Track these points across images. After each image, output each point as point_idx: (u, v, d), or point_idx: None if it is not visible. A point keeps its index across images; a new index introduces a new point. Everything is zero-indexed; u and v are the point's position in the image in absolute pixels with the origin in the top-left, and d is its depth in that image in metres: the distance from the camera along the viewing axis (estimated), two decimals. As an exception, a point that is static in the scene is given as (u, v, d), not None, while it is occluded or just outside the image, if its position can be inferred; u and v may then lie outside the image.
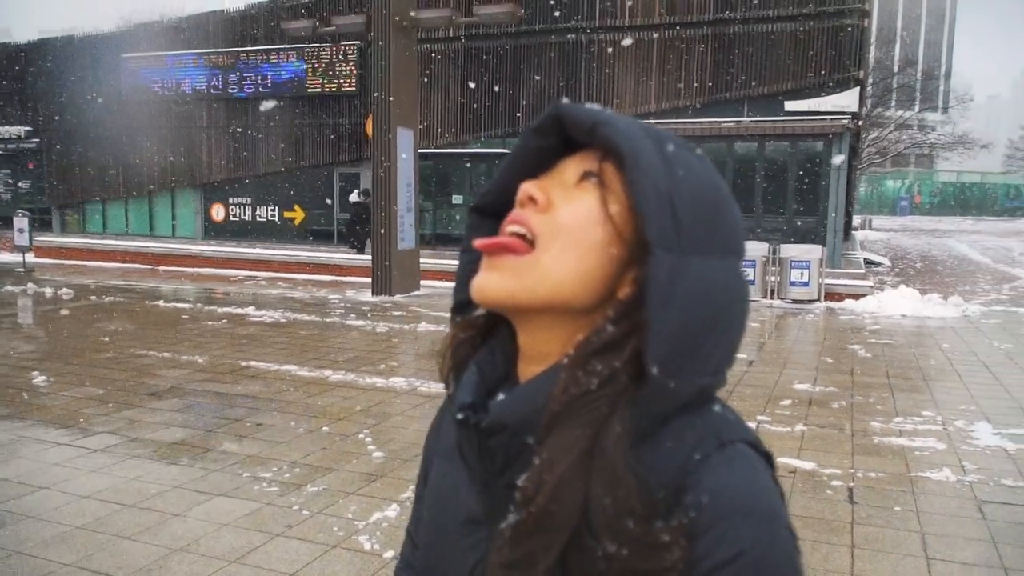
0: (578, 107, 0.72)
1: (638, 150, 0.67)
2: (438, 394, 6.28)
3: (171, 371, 7.17)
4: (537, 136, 0.75)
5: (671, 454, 0.66)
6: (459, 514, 0.77)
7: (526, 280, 0.69)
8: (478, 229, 0.80)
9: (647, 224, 0.65)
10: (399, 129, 12.81)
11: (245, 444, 5.10)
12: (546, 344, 0.72)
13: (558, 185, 0.73)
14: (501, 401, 0.71)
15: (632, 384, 0.66)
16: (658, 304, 0.64)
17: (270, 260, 17.14)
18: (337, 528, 3.83)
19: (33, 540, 3.65)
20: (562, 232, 0.69)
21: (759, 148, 17.73)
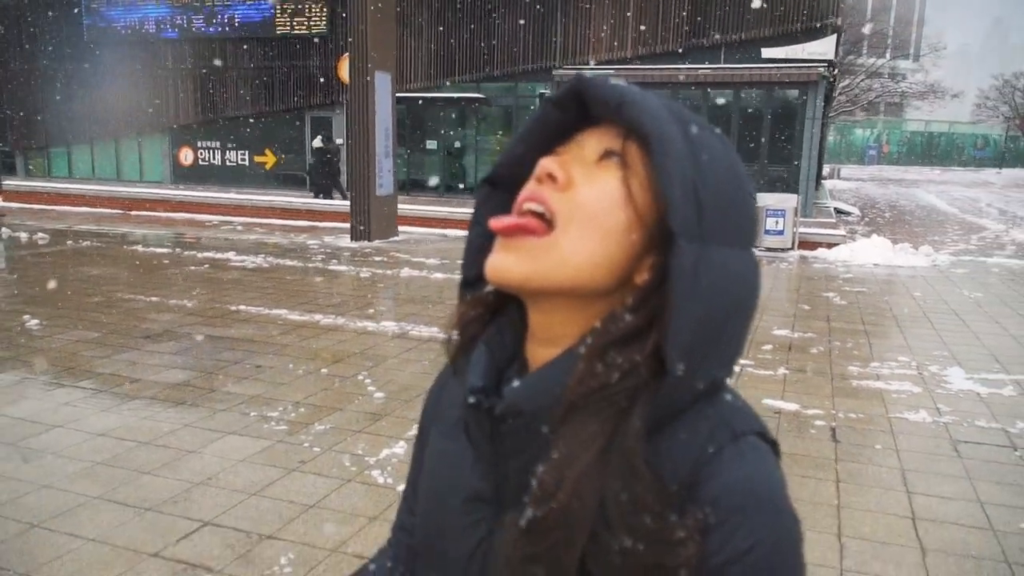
0: (603, 83, 0.69)
1: (666, 134, 0.66)
2: (429, 338, 6.43)
3: (162, 315, 7.21)
4: (556, 109, 0.73)
5: (685, 446, 0.66)
6: (461, 491, 0.76)
7: (544, 263, 0.67)
8: (488, 202, 0.78)
9: (672, 212, 0.64)
10: (377, 73, 12.67)
11: (247, 385, 5.20)
12: (560, 327, 0.71)
13: (578, 162, 0.71)
14: (516, 388, 0.69)
15: (652, 377, 0.65)
16: (682, 297, 0.63)
17: (245, 205, 16.97)
18: (349, 463, 3.98)
19: (57, 475, 3.75)
20: (582, 214, 0.67)
21: (735, 95, 17.81)
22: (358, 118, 12.60)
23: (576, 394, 0.65)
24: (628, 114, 0.67)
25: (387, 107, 12.99)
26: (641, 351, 0.65)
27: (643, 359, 0.65)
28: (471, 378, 0.73)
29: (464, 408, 0.74)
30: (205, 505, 3.50)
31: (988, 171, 53.73)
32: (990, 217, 20.90)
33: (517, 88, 19.20)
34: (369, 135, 12.58)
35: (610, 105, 0.68)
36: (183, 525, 3.31)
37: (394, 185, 13.47)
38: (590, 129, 0.72)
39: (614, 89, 0.68)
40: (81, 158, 23.93)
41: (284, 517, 3.40)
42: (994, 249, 14.11)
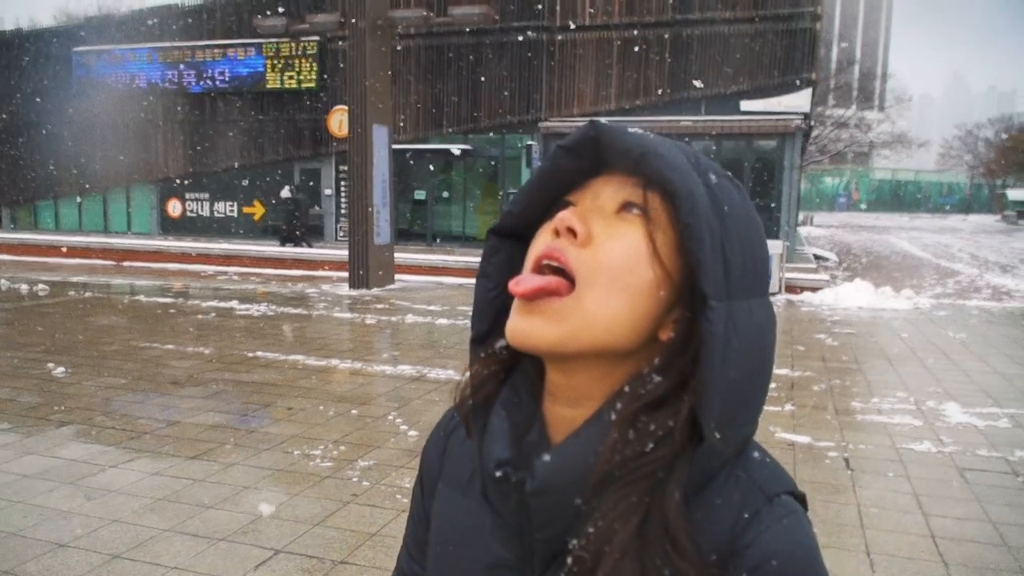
0: (622, 131, 0.67)
1: (693, 190, 0.64)
2: (447, 380, 6.67)
3: (181, 362, 7.38)
4: (569, 157, 0.70)
5: (720, 514, 0.65)
6: (482, 556, 0.73)
7: (569, 326, 0.65)
8: (496, 253, 0.76)
9: (704, 275, 0.62)
10: (375, 126, 13.07)
11: (283, 426, 5.40)
12: (583, 388, 0.69)
13: (595, 213, 0.68)
14: (548, 463, 0.66)
15: (687, 443, 0.64)
16: (715, 363, 0.62)
17: (237, 256, 17.16)
18: (400, 496, 4.19)
19: (123, 510, 3.93)
20: (606, 271, 0.65)
21: (716, 146, 18.46)
22: (357, 169, 12.95)
23: (610, 464, 0.63)
24: (651, 166, 0.65)
25: (384, 158, 13.37)
26: (675, 416, 0.64)
27: (678, 426, 0.63)
28: (494, 448, 0.70)
29: (486, 477, 0.72)
30: (272, 535, 3.69)
31: (954, 217, 55.34)
32: (963, 262, 21.62)
33: (504, 140, 19.73)
34: (368, 186, 12.92)
35: (630, 155, 0.66)
36: (257, 553, 3.51)
37: (391, 235, 13.77)
38: (603, 177, 0.70)
39: (634, 138, 0.66)
40: (68, 211, 24.03)
41: (350, 544, 3.60)
42: (971, 292, 14.66)
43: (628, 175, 0.68)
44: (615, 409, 0.66)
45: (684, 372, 0.65)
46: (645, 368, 0.67)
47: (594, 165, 0.70)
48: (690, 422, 0.63)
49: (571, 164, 0.70)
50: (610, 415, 0.66)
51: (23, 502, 4.04)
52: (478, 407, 0.74)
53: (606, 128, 0.68)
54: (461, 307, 11.30)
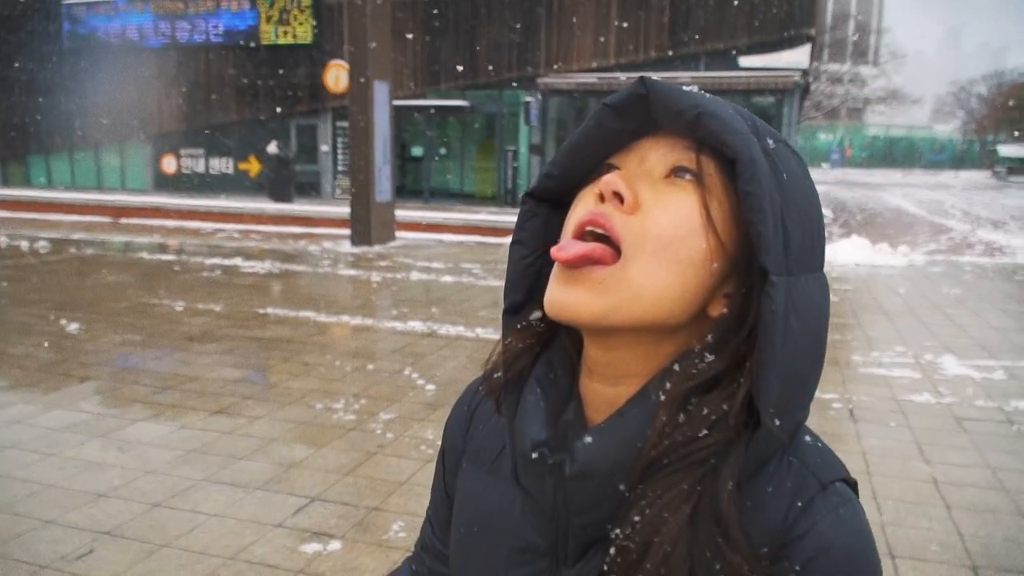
0: (675, 90, 0.63)
1: (754, 156, 0.60)
2: (458, 336, 6.80)
3: (194, 319, 7.48)
4: (614, 116, 0.66)
5: (773, 503, 0.61)
6: (510, 539, 0.71)
7: (614, 297, 0.61)
8: (533, 218, 0.72)
9: (764, 249, 0.59)
10: (376, 83, 13.01)
11: (303, 381, 5.53)
12: (625, 365, 0.65)
13: (642, 178, 0.64)
14: (590, 445, 0.62)
15: (743, 429, 0.60)
16: (778, 342, 0.58)
17: (236, 213, 17.15)
18: (424, 447, 4.35)
19: (157, 462, 4.08)
20: (655, 241, 0.61)
21: (715, 103, 18.42)
22: (358, 126, 12.91)
23: (659, 449, 0.60)
24: (708, 129, 0.61)
25: (385, 116, 13.33)
26: (730, 400, 0.60)
27: (733, 410, 0.60)
28: (530, 428, 0.66)
29: (519, 458, 0.68)
30: (306, 484, 3.84)
31: (946, 174, 55.42)
32: (955, 218, 21.77)
33: (502, 96, 19.62)
34: (369, 143, 12.90)
35: (685, 116, 0.62)
36: (293, 501, 3.66)
37: (392, 192, 13.80)
38: (650, 138, 0.66)
39: (689, 97, 0.62)
40: (60, 166, 23.85)
41: (382, 492, 3.76)
42: (964, 248, 14.83)
43: (679, 137, 0.64)
44: (664, 389, 0.62)
45: (738, 352, 0.62)
46: (696, 346, 0.63)
47: (640, 126, 0.66)
48: (746, 406, 0.60)
49: (616, 124, 0.66)
50: (658, 395, 0.62)
51: (56, 455, 4.17)
52: (511, 383, 0.70)
53: (658, 85, 0.63)
54: (464, 264, 11.40)
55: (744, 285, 0.62)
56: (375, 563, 3.12)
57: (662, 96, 0.63)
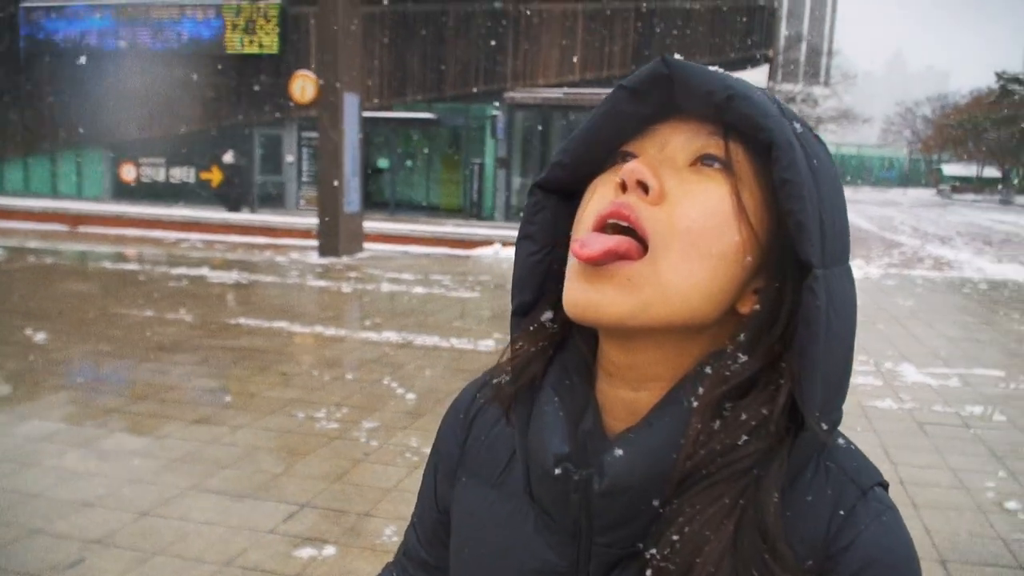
0: (701, 70, 0.59)
1: (791, 139, 0.57)
2: (434, 347, 6.86)
3: (165, 328, 7.42)
4: (632, 99, 0.61)
5: (813, 512, 0.58)
6: (525, 560, 0.65)
7: (642, 295, 0.57)
8: (541, 211, 0.67)
9: (806, 238, 0.55)
10: (346, 94, 13.04)
11: (282, 391, 5.55)
12: (649, 367, 0.61)
13: (666, 166, 0.60)
14: (621, 459, 0.58)
15: (784, 435, 0.57)
16: (821, 339, 0.55)
17: (201, 222, 16.96)
18: (409, 454, 4.40)
19: (141, 471, 4.07)
20: (685, 234, 0.57)
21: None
22: (328, 138, 12.92)
23: (695, 460, 0.56)
24: (739, 112, 0.57)
25: (355, 127, 13.36)
26: (770, 404, 0.57)
27: (775, 414, 0.56)
28: (550, 441, 0.61)
29: (536, 473, 0.63)
30: (294, 491, 3.88)
31: (895, 191, 57.06)
32: (905, 234, 22.46)
33: (468, 110, 19.74)
34: (338, 154, 12.91)
35: (713, 97, 0.57)
36: (283, 507, 3.69)
37: (360, 203, 13.81)
38: (669, 123, 0.62)
39: (718, 78, 0.58)
40: (13, 174, 23.31)
41: (371, 499, 3.81)
42: (915, 263, 15.33)
43: (701, 122, 0.60)
44: (696, 394, 0.58)
45: (772, 351, 0.58)
46: (728, 346, 0.60)
47: (657, 110, 0.61)
48: (786, 410, 0.57)
49: (632, 108, 0.61)
50: (690, 401, 0.58)
51: (37, 464, 4.14)
52: (522, 390, 0.66)
53: (681, 65, 0.59)
54: (434, 276, 11.45)
55: (777, 279, 0.59)
56: (371, 567, 3.18)
57: (687, 77, 0.58)
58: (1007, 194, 49.38)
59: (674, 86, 0.59)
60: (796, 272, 0.58)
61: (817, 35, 72.31)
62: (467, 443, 0.75)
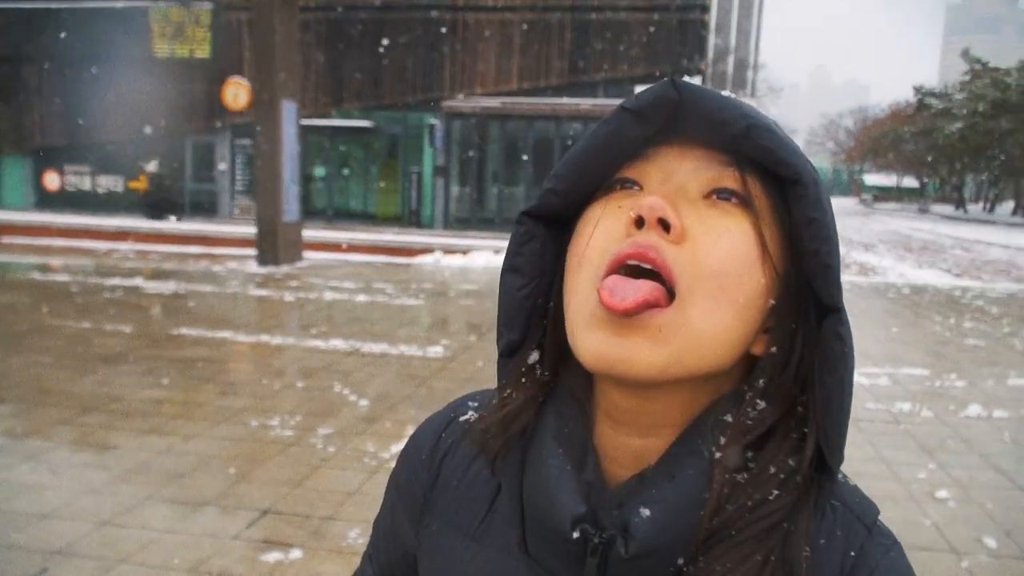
0: (714, 96, 0.55)
1: (815, 176, 0.55)
2: (382, 354, 6.89)
3: (105, 340, 7.26)
4: (636, 123, 0.57)
5: (828, 556, 0.56)
6: None
7: (674, 347, 0.53)
8: (529, 241, 0.62)
9: (832, 280, 0.54)
10: (284, 101, 12.93)
11: (233, 399, 5.51)
12: (661, 414, 0.58)
13: (680, 198, 0.56)
14: (650, 519, 0.54)
15: (809, 485, 0.55)
16: (846, 384, 0.55)
17: (132, 232, 16.54)
18: (367, 459, 4.45)
19: (95, 482, 4.02)
20: (712, 278, 0.54)
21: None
22: (264, 146, 12.79)
23: (723, 516, 0.53)
24: (759, 144, 0.54)
25: (293, 135, 13.26)
26: (796, 455, 0.55)
27: (804, 465, 0.54)
28: (564, 500, 0.56)
29: (546, 535, 0.58)
30: (255, 497, 3.89)
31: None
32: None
33: (406, 118, 19.76)
34: (276, 162, 12.79)
35: (730, 128, 0.54)
36: (244, 514, 3.70)
37: (299, 212, 13.69)
38: (673, 148, 0.57)
39: (733, 106, 0.55)
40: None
41: (333, 503, 3.85)
42: (842, 269, 15.97)
43: (708, 149, 0.56)
44: (717, 444, 0.55)
45: (789, 395, 0.56)
46: (746, 392, 0.57)
47: (656, 131, 0.57)
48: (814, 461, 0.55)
49: (635, 132, 0.57)
50: (711, 451, 0.55)
51: (-17, 478, 4.05)
52: (511, 440, 0.62)
53: (693, 90, 0.55)
54: (376, 284, 11.45)
55: (793, 320, 0.56)
56: (338, 568, 3.23)
57: (700, 103, 0.55)
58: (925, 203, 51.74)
59: (684, 112, 0.55)
60: (809, 313, 0.57)
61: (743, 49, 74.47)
62: (436, 486, 0.69)
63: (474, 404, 0.72)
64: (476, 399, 0.73)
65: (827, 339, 0.55)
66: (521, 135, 19.62)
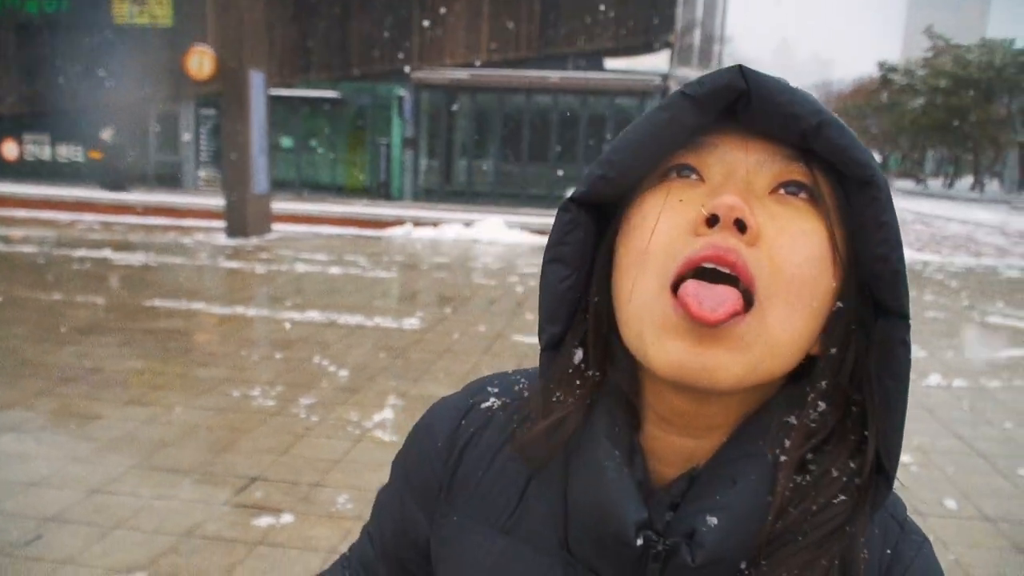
0: (786, 88, 0.53)
1: (885, 178, 0.53)
2: (359, 325, 6.96)
3: (77, 311, 7.23)
4: (696, 112, 0.54)
5: (869, 554, 0.55)
6: None
7: (754, 355, 0.51)
8: (574, 229, 0.59)
9: (901, 288, 0.53)
10: (252, 72, 12.78)
11: (212, 370, 5.55)
12: (716, 416, 0.56)
13: (747, 194, 0.53)
14: (718, 527, 0.53)
15: (867, 490, 0.54)
16: (902, 393, 0.54)
17: (96, 202, 16.26)
18: (351, 428, 4.54)
19: (81, 451, 4.06)
20: (789, 283, 0.52)
21: (582, 102, 19.23)
22: (233, 117, 12.65)
23: (788, 521, 0.53)
24: (833, 142, 0.52)
25: (261, 105, 13.12)
26: (858, 458, 0.54)
27: (866, 469, 0.54)
28: (626, 506, 0.55)
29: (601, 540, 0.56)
30: (242, 465, 3.97)
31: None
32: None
33: (374, 89, 19.59)
34: (245, 133, 12.66)
35: (802, 123, 0.52)
36: (233, 480, 3.78)
37: (268, 183, 13.59)
38: (729, 136, 0.55)
39: (806, 101, 0.52)
40: None
41: (320, 470, 3.95)
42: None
43: (768, 140, 0.54)
44: (782, 447, 0.54)
45: (846, 397, 0.55)
46: (808, 393, 0.55)
47: (714, 118, 0.55)
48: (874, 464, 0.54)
49: (694, 120, 0.54)
50: (776, 455, 0.54)
51: (-33, 448, 4.07)
52: (560, 443, 0.59)
53: (763, 81, 0.53)
54: (348, 256, 11.46)
55: (851, 322, 0.55)
56: (330, 532, 3.33)
57: (771, 95, 0.52)
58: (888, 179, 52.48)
59: (750, 102, 0.53)
60: (865, 315, 0.56)
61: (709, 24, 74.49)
62: (456, 476, 0.67)
63: (494, 390, 0.70)
64: (496, 384, 0.71)
65: (892, 345, 0.54)
66: (490, 107, 19.59)
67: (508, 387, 0.69)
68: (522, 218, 15.46)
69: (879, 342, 0.54)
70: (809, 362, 0.56)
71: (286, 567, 3.06)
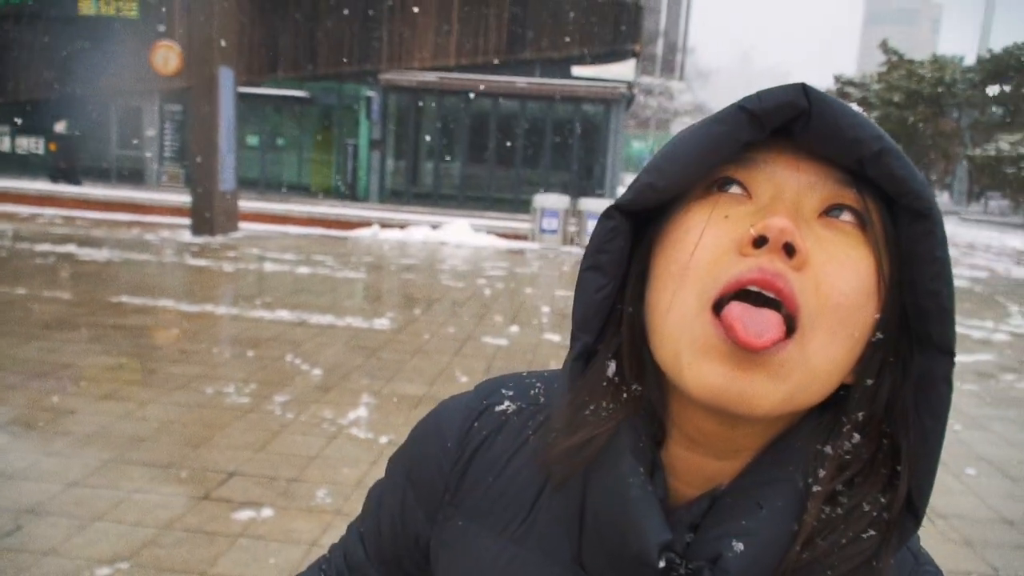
0: (847, 111, 0.51)
1: (940, 211, 0.51)
2: (330, 325, 7.02)
3: (44, 307, 7.17)
4: (753, 127, 0.52)
5: None
6: None
7: (791, 384, 0.50)
8: (615, 237, 0.57)
9: (949, 325, 0.52)
10: (222, 68, 12.73)
11: (185, 367, 5.58)
12: (745, 439, 0.55)
13: (792, 215, 0.51)
14: (744, 554, 0.52)
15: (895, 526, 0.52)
16: (940, 430, 0.52)
17: (56, 197, 16.01)
18: (326, 425, 4.62)
19: (56, 444, 4.09)
20: (835, 311, 0.50)
21: (548, 108, 19.43)
22: (201, 114, 12.58)
23: (815, 552, 0.51)
24: (891, 170, 0.51)
25: (230, 103, 13.07)
26: (889, 493, 0.53)
27: (897, 505, 0.52)
28: (649, 526, 0.53)
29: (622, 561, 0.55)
30: (220, 460, 4.03)
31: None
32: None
33: (341, 89, 19.56)
34: (213, 131, 12.60)
35: (862, 148, 0.51)
36: (212, 475, 3.84)
37: (235, 181, 13.53)
38: (779, 154, 0.54)
39: (868, 126, 0.51)
40: None
41: (297, 466, 4.02)
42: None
43: (818, 162, 0.53)
44: (815, 477, 0.53)
45: (880, 429, 0.54)
46: (845, 424, 0.54)
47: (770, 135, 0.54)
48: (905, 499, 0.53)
49: (750, 135, 0.53)
50: (808, 483, 0.53)
51: (-62, 442, 4.07)
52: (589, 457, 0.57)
53: (826, 102, 0.51)
54: (316, 256, 11.47)
55: (888, 354, 0.54)
56: (310, 526, 3.42)
57: (833, 117, 0.51)
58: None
59: (809, 122, 0.52)
60: (903, 348, 0.54)
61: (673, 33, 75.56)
62: (465, 479, 0.66)
63: (509, 393, 0.68)
64: (510, 386, 0.69)
65: (934, 381, 0.52)
66: (458, 111, 19.68)
67: (523, 391, 0.68)
68: (488, 221, 15.59)
69: (919, 376, 0.53)
70: (838, 390, 0.54)
71: (268, 558, 3.14)
